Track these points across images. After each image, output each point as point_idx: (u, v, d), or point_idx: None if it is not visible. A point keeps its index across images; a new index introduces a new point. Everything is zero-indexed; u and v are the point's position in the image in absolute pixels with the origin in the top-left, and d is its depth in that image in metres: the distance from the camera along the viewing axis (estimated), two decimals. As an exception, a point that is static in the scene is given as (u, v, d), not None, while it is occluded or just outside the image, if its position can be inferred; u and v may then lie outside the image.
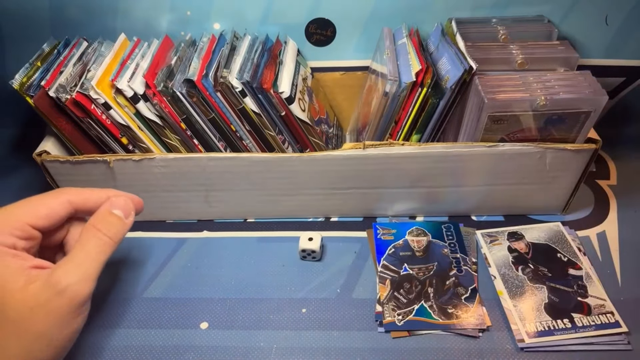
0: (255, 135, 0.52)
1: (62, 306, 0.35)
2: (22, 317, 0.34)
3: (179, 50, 0.53)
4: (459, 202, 0.55)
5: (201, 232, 0.57)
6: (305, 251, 0.52)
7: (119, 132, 0.52)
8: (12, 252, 0.35)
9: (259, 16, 0.58)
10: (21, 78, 0.51)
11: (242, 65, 0.50)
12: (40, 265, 0.36)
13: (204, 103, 0.49)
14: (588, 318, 0.45)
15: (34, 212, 0.37)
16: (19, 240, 0.36)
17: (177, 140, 0.52)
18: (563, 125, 0.48)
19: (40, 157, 0.51)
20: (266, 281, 0.51)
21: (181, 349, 0.45)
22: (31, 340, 0.34)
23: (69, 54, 0.54)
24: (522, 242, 0.53)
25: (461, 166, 0.51)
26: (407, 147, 0.49)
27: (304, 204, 0.56)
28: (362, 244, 0.55)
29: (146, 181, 0.53)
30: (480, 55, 0.50)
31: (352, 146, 0.50)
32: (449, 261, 0.51)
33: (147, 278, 0.52)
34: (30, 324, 0.34)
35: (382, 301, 0.48)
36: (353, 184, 0.53)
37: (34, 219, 0.37)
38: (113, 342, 0.46)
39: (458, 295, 0.48)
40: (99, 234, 0.38)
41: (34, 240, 0.38)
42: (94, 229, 0.38)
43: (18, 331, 0.34)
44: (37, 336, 0.34)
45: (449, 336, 0.45)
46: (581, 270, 0.49)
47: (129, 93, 0.49)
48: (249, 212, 0.58)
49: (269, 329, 0.47)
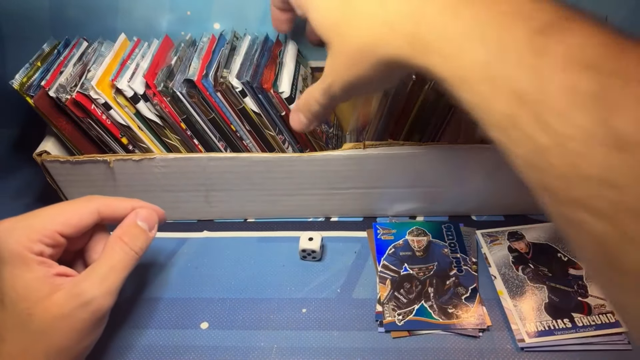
0: (256, 135, 0.52)
1: (85, 318, 0.35)
2: (46, 327, 0.34)
3: (179, 50, 0.53)
4: (459, 202, 0.55)
5: (201, 232, 0.57)
6: (305, 251, 0.52)
7: (119, 132, 0.52)
8: (39, 259, 0.35)
9: (259, 16, 0.58)
10: (21, 78, 0.51)
11: (242, 65, 0.50)
12: (64, 273, 0.36)
13: (204, 103, 0.49)
14: (588, 318, 0.45)
15: (65, 220, 0.37)
16: (46, 247, 0.36)
17: (177, 140, 0.52)
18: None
19: (40, 157, 0.51)
20: (266, 281, 0.51)
21: (181, 349, 0.45)
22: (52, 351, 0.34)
23: (69, 54, 0.54)
24: (523, 242, 0.53)
25: (461, 166, 0.51)
26: (407, 147, 0.49)
27: (304, 204, 0.56)
28: (362, 244, 0.55)
29: (146, 181, 0.53)
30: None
31: (352, 146, 0.50)
32: (449, 261, 0.51)
33: (147, 278, 0.52)
34: (52, 334, 0.34)
35: (383, 301, 0.48)
36: (353, 184, 0.53)
37: (64, 227, 0.37)
38: (113, 342, 0.46)
39: (458, 295, 0.48)
40: (125, 248, 0.38)
41: (60, 248, 0.37)
42: (120, 242, 0.38)
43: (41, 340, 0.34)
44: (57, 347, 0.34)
45: (449, 336, 0.45)
46: (581, 270, 0.49)
47: (129, 93, 0.49)
48: (249, 212, 0.58)
49: (269, 329, 0.47)
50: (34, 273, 0.34)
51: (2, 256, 0.34)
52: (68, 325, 0.34)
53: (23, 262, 0.34)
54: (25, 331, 0.33)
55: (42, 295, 0.34)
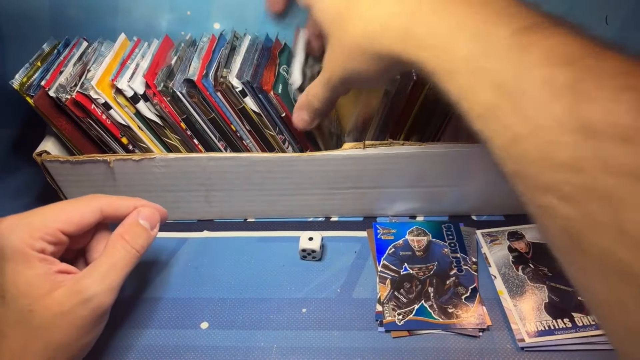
0: (256, 135, 0.52)
1: (85, 315, 0.35)
2: (46, 323, 0.34)
3: (179, 50, 0.53)
4: (460, 201, 0.55)
5: (201, 232, 0.57)
6: (305, 251, 0.52)
7: (119, 132, 0.52)
8: (40, 256, 0.35)
9: (259, 16, 0.58)
10: (21, 78, 0.51)
11: (242, 65, 0.50)
12: (65, 270, 0.37)
13: (204, 103, 0.50)
14: (588, 317, 0.45)
15: (68, 218, 0.38)
16: (48, 245, 0.36)
17: (177, 140, 0.52)
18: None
19: (40, 157, 0.51)
20: (266, 281, 0.51)
21: (181, 349, 0.45)
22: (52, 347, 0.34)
23: (69, 54, 0.54)
24: (523, 241, 0.53)
25: (461, 166, 0.51)
26: (407, 147, 0.49)
27: (304, 203, 0.56)
28: (362, 243, 0.55)
29: (146, 181, 0.53)
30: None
31: (352, 146, 0.50)
32: (449, 261, 0.51)
33: (147, 278, 0.52)
34: (53, 331, 0.34)
35: (383, 301, 0.48)
36: (353, 184, 0.53)
37: (66, 225, 0.37)
38: (113, 342, 0.46)
39: (458, 294, 0.48)
40: (126, 246, 0.38)
41: (62, 245, 0.38)
42: (122, 240, 0.39)
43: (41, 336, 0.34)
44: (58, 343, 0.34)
45: (449, 336, 0.45)
46: (581, 270, 0.49)
47: (129, 93, 0.49)
48: (249, 211, 0.58)
49: (269, 329, 0.47)
50: (36, 270, 0.34)
51: (4, 253, 0.34)
52: (68, 322, 0.34)
53: (25, 259, 0.34)
54: (26, 327, 0.33)
55: (43, 292, 0.34)
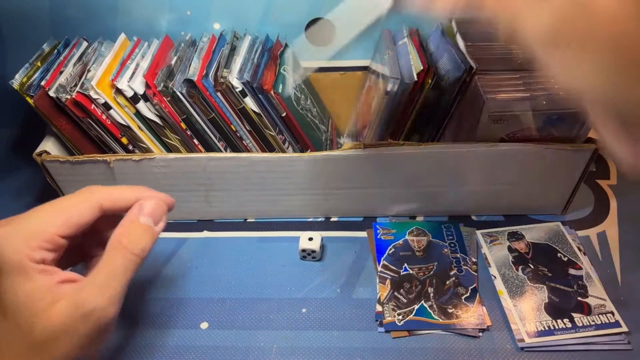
0: (256, 135, 0.52)
1: (87, 329, 0.33)
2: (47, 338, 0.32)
3: (179, 50, 0.53)
4: (459, 202, 0.55)
5: (201, 232, 0.57)
6: (305, 251, 0.52)
7: (119, 132, 0.52)
8: (40, 267, 0.33)
9: (259, 16, 0.58)
10: (21, 78, 0.51)
11: (242, 65, 0.50)
12: (68, 279, 0.35)
13: (204, 103, 0.49)
14: (588, 318, 0.45)
15: (64, 220, 0.35)
16: (47, 253, 0.34)
17: (177, 140, 0.52)
18: (563, 124, 0.48)
19: (40, 157, 0.51)
20: (266, 281, 0.51)
21: (181, 349, 0.45)
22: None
23: (69, 54, 0.54)
24: (522, 242, 0.53)
25: (461, 166, 0.51)
26: (407, 147, 0.49)
27: (304, 204, 0.56)
28: (362, 244, 0.55)
29: (146, 181, 0.53)
30: (480, 55, 0.50)
31: (352, 146, 0.50)
32: (449, 261, 0.51)
33: (147, 278, 0.52)
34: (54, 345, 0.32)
35: (382, 301, 0.48)
36: (353, 184, 0.53)
37: (64, 228, 0.35)
38: (113, 342, 0.46)
39: (458, 295, 0.48)
40: (125, 252, 0.36)
41: (61, 250, 0.35)
42: (120, 246, 0.36)
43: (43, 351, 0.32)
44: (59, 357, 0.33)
45: (449, 336, 0.45)
46: (581, 270, 0.49)
47: (129, 93, 0.49)
48: (249, 212, 0.58)
49: (269, 329, 0.47)
50: (36, 283, 0.33)
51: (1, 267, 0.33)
52: (70, 336, 0.33)
53: (24, 272, 0.33)
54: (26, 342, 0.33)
55: (44, 306, 0.33)
